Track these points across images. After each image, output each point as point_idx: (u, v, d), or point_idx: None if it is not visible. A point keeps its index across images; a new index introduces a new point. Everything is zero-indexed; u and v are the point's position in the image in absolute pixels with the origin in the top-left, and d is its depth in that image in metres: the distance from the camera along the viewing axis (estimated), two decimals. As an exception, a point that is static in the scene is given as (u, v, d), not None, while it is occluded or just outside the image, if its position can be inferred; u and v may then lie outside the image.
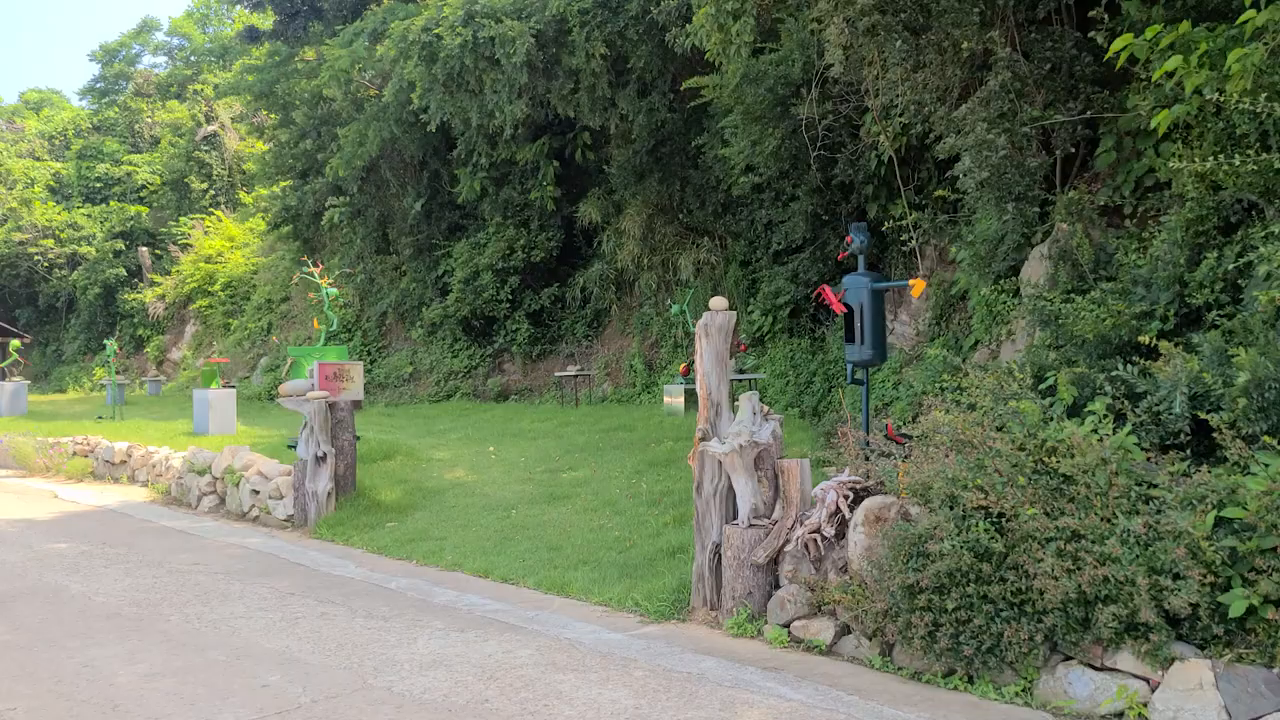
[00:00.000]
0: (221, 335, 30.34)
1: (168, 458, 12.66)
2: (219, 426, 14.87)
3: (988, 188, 7.95)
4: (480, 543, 8.29)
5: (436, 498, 10.25)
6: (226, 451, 11.28)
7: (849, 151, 12.37)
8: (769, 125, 12.58)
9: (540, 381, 20.21)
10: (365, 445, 12.64)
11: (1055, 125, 8.09)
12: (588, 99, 16.46)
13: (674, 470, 10.43)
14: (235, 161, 33.79)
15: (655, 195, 17.99)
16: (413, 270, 22.55)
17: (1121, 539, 4.08)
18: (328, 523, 9.35)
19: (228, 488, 10.94)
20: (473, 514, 9.43)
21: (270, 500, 10.11)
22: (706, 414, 5.85)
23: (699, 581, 5.91)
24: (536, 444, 13.28)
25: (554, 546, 7.96)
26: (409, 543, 8.51)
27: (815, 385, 13.94)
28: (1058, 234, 8.37)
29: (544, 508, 9.48)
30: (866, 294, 7.13)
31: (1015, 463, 4.46)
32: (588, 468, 11.22)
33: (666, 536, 7.83)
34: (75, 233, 34.26)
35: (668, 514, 8.58)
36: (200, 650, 5.60)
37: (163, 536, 9.42)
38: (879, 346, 7.21)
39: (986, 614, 4.34)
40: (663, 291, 18.50)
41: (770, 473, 5.73)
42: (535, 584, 6.92)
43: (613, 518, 8.83)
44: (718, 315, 5.86)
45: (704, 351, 5.89)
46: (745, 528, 5.63)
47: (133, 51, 41.62)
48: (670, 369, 17.60)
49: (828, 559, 5.31)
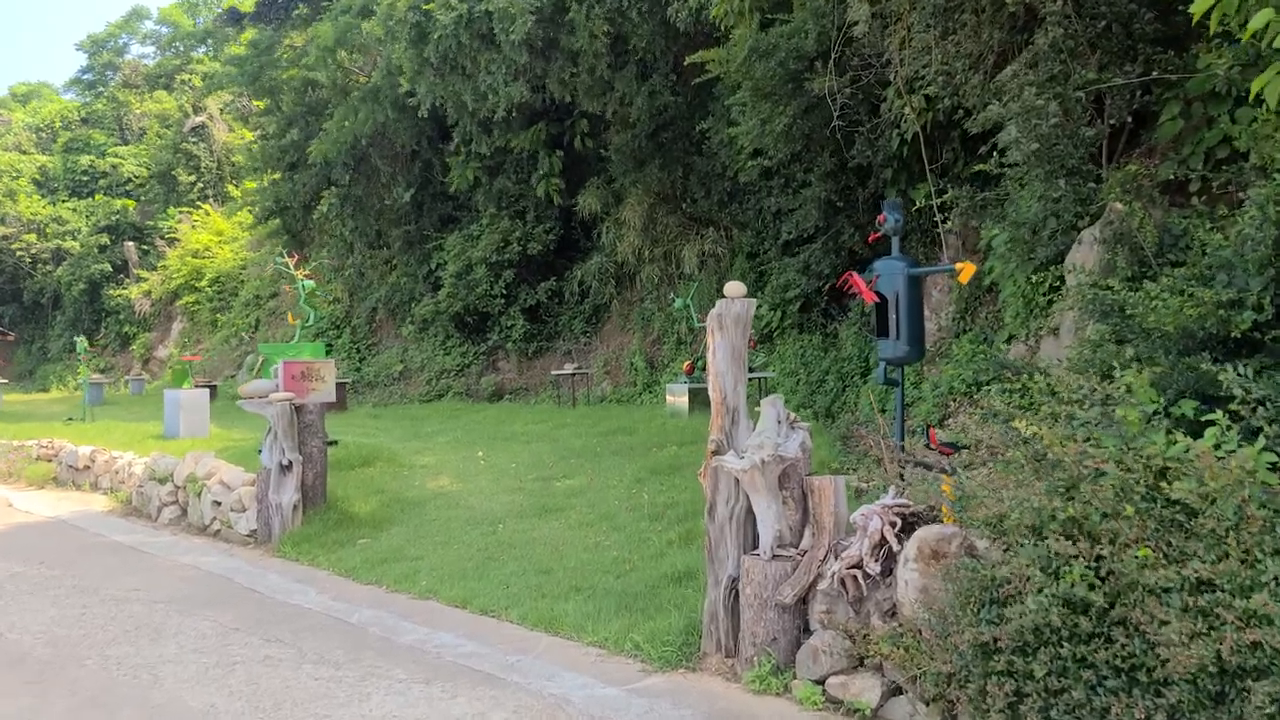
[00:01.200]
0: (209, 332, 29.40)
1: (130, 464, 11.69)
2: (191, 429, 13.91)
3: (1036, 161, 6.97)
4: (460, 564, 7.32)
5: (416, 510, 9.28)
6: (189, 458, 10.32)
7: (867, 130, 11.39)
8: (780, 102, 11.60)
9: (536, 380, 19.25)
10: (343, 450, 11.68)
11: (1111, 90, 7.12)
12: (587, 80, 15.48)
13: (678, 478, 9.47)
14: (224, 154, 32.81)
15: (657, 183, 17.03)
16: (403, 264, 21.61)
17: (1273, 593, 3.11)
18: (293, 539, 8.38)
19: (190, 498, 9.98)
20: (455, 529, 8.46)
21: (232, 513, 9.15)
22: (720, 422, 4.88)
23: (711, 622, 4.94)
24: (529, 448, 12.31)
25: (543, 569, 7.00)
26: (381, 564, 7.54)
27: (828, 384, 12.96)
28: (1110, 214, 7.39)
29: (534, 522, 8.51)
30: (903, 281, 6.16)
31: (1121, 487, 3.49)
32: (584, 475, 10.26)
33: (671, 558, 6.87)
34: (60, 227, 33.31)
35: (672, 530, 7.61)
36: (109, 711, 4.64)
37: (110, 555, 8.46)
38: (917, 341, 6.24)
39: (1086, 684, 3.38)
40: (665, 285, 17.53)
41: (797, 492, 4.76)
42: (520, 618, 5.96)
43: (610, 534, 7.87)
44: (734, 304, 4.88)
45: (717, 347, 4.92)
46: (768, 559, 4.66)
47: (121, 42, 40.60)
48: (673, 367, 16.64)
49: (870, 600, 4.35)
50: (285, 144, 22.16)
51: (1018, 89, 6.92)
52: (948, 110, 9.81)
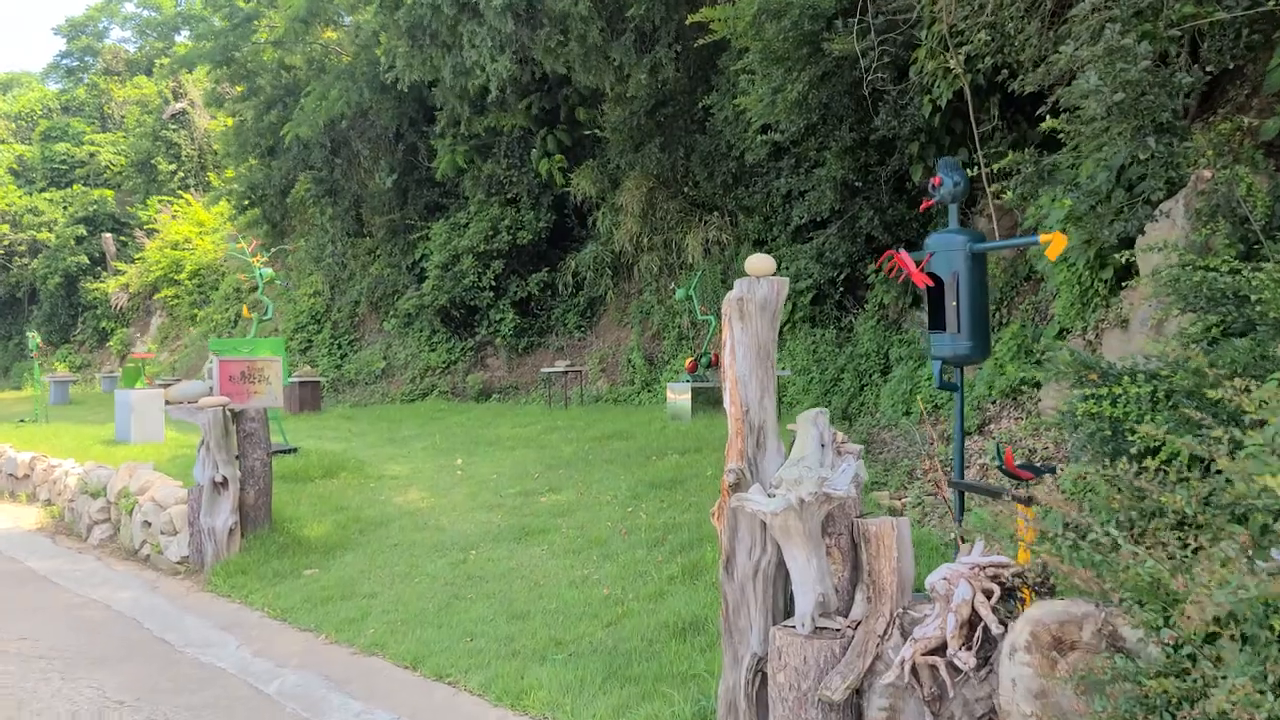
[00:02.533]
0: (189, 327, 28.12)
1: (67, 474, 10.43)
2: (144, 434, 12.64)
3: (1120, 115, 5.69)
4: (419, 605, 6.06)
5: (378, 532, 8.02)
6: (124, 469, 9.06)
7: (894, 97, 10.10)
8: (793, 68, 10.30)
9: (527, 378, 17.96)
10: (303, 459, 10.43)
11: (1212, 28, 5.84)
12: (578, 50, 14.16)
13: (680, 493, 8.21)
14: (205, 141, 31.48)
15: (656, 165, 15.72)
16: (386, 254, 20.30)
17: None
18: (226, 569, 7.11)
19: (121, 516, 8.72)
20: (419, 556, 7.20)
21: (163, 536, 7.87)
22: (741, 446, 3.59)
23: (729, 715, 3.68)
24: (514, 455, 11.04)
25: (517, 613, 5.74)
26: (325, 603, 6.28)
27: (844, 383, 11.68)
28: (1198, 182, 6.11)
29: (512, 548, 7.25)
30: (964, 259, 4.86)
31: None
32: (573, 489, 8.99)
33: (673, 600, 5.62)
34: (36, 218, 31.99)
35: (673, 562, 6.35)
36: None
37: (14, 586, 7.19)
38: (981, 335, 4.95)
39: None
40: (665, 276, 16.24)
41: (845, 540, 3.49)
42: (481, 686, 4.69)
43: (601, 565, 6.61)
44: (759, 285, 3.60)
45: (735, 343, 3.65)
46: (808, 634, 3.40)
47: (101, 26, 39.18)
48: (674, 364, 15.36)
49: (957, 701, 3.09)
50: (263, 127, 20.85)
51: (1097, 26, 5.64)
52: (989, 71, 8.55)
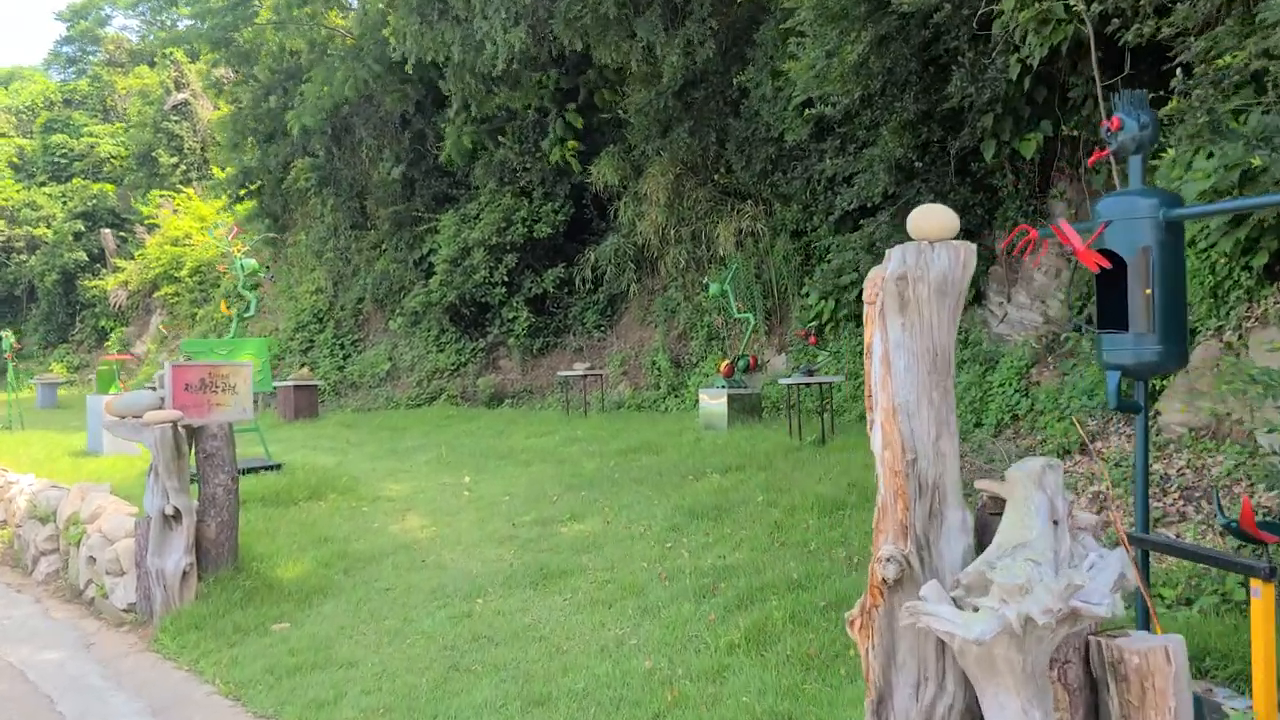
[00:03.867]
0: (189, 327, 26.94)
1: (21, 493, 9.16)
2: (117, 444, 11.36)
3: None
4: (409, 680, 4.73)
5: (366, 571, 6.69)
6: (75, 491, 7.78)
7: (969, 62, 8.71)
8: (852, 26, 8.96)
9: (542, 381, 16.62)
10: (288, 477, 9.11)
11: None
12: (595, 21, 12.82)
13: (728, 525, 6.86)
14: (208, 133, 30.28)
15: (685, 151, 14.37)
16: (393, 248, 19.00)
17: None
18: (178, 623, 5.79)
19: (70, 547, 7.43)
20: (414, 606, 5.87)
21: (108, 577, 6.57)
22: (903, 515, 2.23)
23: None
24: (529, 472, 9.71)
25: (535, 698, 4.40)
26: (292, 674, 4.95)
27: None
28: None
29: (527, 595, 5.91)
30: (1155, 232, 3.48)
31: None
32: (598, 516, 7.64)
33: (738, 680, 4.27)
34: (34, 213, 30.89)
35: (732, 622, 4.99)
36: None
37: (-78, 641, 5.91)
38: (1177, 335, 3.56)
39: None
40: (693, 270, 14.88)
41: (1076, 674, 2.13)
42: (486, 827, 3.36)
43: (638, 622, 5.26)
44: (936, 253, 2.24)
45: (892, 347, 2.29)
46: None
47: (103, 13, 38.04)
48: (703, 367, 14.01)
49: None
50: (261, 113, 19.60)
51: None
52: (1095, 20, 7.18)
